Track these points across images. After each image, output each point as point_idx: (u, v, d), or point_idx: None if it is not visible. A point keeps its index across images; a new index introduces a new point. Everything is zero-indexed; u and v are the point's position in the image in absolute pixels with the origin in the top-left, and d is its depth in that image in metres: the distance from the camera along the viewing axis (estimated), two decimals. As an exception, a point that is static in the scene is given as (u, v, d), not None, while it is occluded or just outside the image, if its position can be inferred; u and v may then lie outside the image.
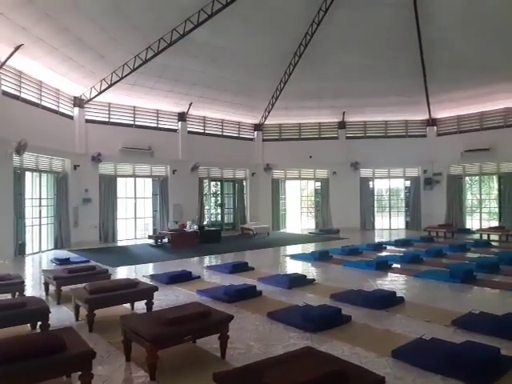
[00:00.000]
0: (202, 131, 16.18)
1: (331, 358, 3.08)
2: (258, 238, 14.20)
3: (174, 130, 15.28)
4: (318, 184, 17.81)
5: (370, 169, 17.39)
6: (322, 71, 14.87)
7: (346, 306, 5.49)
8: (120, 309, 5.33)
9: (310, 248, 11.59)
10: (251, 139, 17.62)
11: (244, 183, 17.35)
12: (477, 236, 13.79)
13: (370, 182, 17.59)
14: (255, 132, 17.63)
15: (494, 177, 16.04)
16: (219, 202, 17.21)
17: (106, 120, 13.85)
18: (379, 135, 17.48)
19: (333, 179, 17.26)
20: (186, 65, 13.31)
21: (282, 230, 16.96)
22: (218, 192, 17.35)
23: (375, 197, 18.00)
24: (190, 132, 15.59)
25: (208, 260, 10.06)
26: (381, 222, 17.86)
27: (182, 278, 7.26)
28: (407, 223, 17.40)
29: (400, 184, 18.11)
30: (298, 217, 18.54)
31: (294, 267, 8.84)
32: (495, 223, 15.34)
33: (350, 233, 15.25)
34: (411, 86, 15.27)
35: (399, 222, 17.73)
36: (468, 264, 8.40)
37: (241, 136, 17.36)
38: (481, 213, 16.48)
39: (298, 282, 6.86)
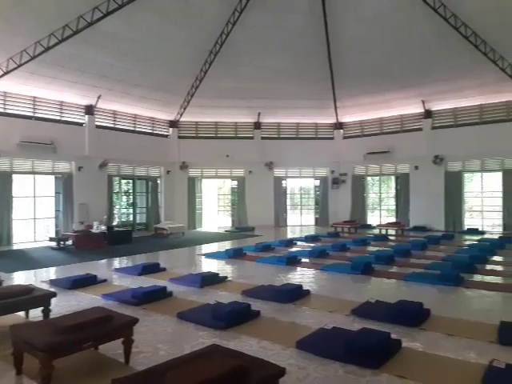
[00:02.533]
0: (112, 126, 15.30)
1: (235, 353, 3.11)
2: (172, 238, 13.88)
3: (81, 124, 14.22)
4: (235, 183, 17.97)
5: (283, 168, 18.02)
6: (237, 71, 15.04)
7: (256, 301, 5.60)
8: (13, 318, 4.80)
9: (225, 246, 11.64)
10: (166, 136, 17.16)
11: (158, 181, 16.82)
12: (377, 231, 15.05)
13: (283, 181, 18.24)
14: (170, 129, 17.20)
15: (392, 177, 17.65)
16: (131, 201, 16.46)
17: (1, 111, 12.41)
18: (292, 136, 18.19)
19: (249, 178, 17.54)
20: (95, 56, 12.52)
21: (198, 229, 16.80)
22: (130, 190, 16.60)
23: (288, 195, 18.74)
24: (98, 126, 14.64)
25: (117, 262, 9.56)
26: (293, 219, 18.63)
27: (85, 282, 6.78)
28: (316, 220, 18.38)
29: (310, 183, 19.06)
30: (215, 215, 18.54)
31: (207, 266, 8.79)
32: (393, 219, 16.87)
33: (264, 230, 15.64)
34: (321, 90, 16.14)
35: (310, 218, 18.66)
36: (368, 257, 9.12)
37: (155, 132, 16.79)
38: (380, 210, 18.05)
39: (210, 280, 6.83)
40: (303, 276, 7.55)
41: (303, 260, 8.96)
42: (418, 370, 3.51)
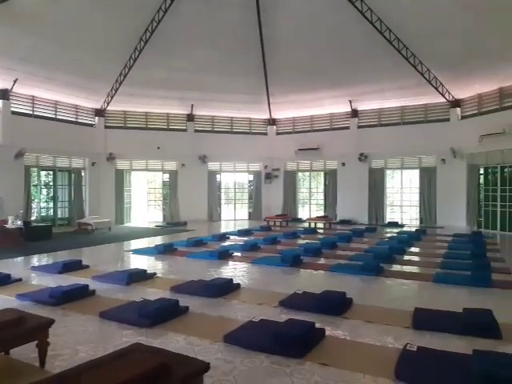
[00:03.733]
0: (30, 113, 14.04)
1: (158, 351, 2.99)
2: (97, 234, 13.15)
3: (-7, 110, 12.91)
4: (167, 176, 17.48)
5: (217, 162, 17.89)
6: (170, 61, 14.59)
7: (185, 297, 5.48)
8: None
9: (155, 242, 11.26)
10: (91, 125, 16.16)
11: (82, 173, 15.80)
12: (306, 224, 15.56)
13: (217, 175, 18.12)
14: (96, 117, 16.21)
15: (322, 173, 18.33)
16: (51, 194, 15.30)
17: None
18: (226, 130, 18.11)
19: (181, 171, 17.15)
20: (12, 36, 11.37)
21: (126, 225, 16.10)
22: (51, 183, 15.41)
23: (222, 189, 18.67)
24: (14, 113, 13.36)
25: (34, 260, 8.82)
26: (227, 213, 18.62)
27: (-4, 282, 6.18)
28: (250, 214, 18.55)
29: (244, 178, 19.16)
30: (145, 210, 17.91)
31: (135, 263, 8.45)
32: (322, 213, 17.56)
33: (197, 225, 15.43)
34: (255, 85, 16.24)
35: (243, 213, 18.77)
36: (297, 249, 9.38)
37: (79, 121, 15.72)
38: (310, 204, 18.69)
39: (137, 277, 6.56)
40: (234, 270, 7.54)
41: (235, 254, 8.97)
42: (340, 356, 3.65)
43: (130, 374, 2.43)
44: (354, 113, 16.67)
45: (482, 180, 14.34)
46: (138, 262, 8.38)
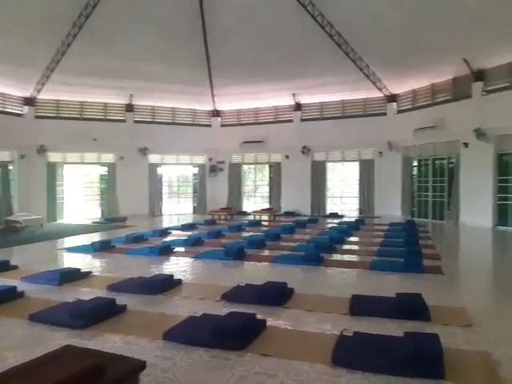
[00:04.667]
0: None
1: (90, 352, 2.82)
2: (27, 232, 12.25)
3: None
4: (105, 169, 16.68)
5: (159, 155, 17.38)
6: (107, 48, 13.90)
7: (123, 295, 5.23)
8: None
9: (92, 239, 10.67)
10: (20, 115, 14.96)
11: (10, 167, 14.58)
12: (251, 217, 15.62)
13: (159, 168, 17.61)
14: (26, 107, 15.04)
15: (266, 166, 18.47)
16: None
17: None
18: (168, 121, 17.62)
19: (120, 164, 16.45)
20: None
21: (59, 221, 15.16)
22: (-26, 177, 14.11)
23: (165, 183, 18.18)
24: None
25: (-47, 261, 8.00)
26: (170, 207, 18.19)
27: None
28: (194, 208, 18.26)
29: (189, 171, 18.79)
30: (81, 205, 16.98)
31: (69, 261, 7.95)
32: (267, 205, 17.73)
33: (137, 220, 14.91)
34: (198, 77, 15.92)
35: (188, 207, 18.44)
36: (241, 242, 9.36)
37: (6, 111, 14.49)
38: (255, 197, 18.80)
39: (70, 276, 6.15)
40: (176, 265, 7.35)
41: (177, 249, 8.74)
42: (280, 346, 3.66)
43: (60, 376, 2.27)
44: (298, 106, 16.95)
45: (415, 172, 15.24)
46: (73, 261, 7.89)
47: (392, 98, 15.62)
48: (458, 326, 4.06)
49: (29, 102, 15.05)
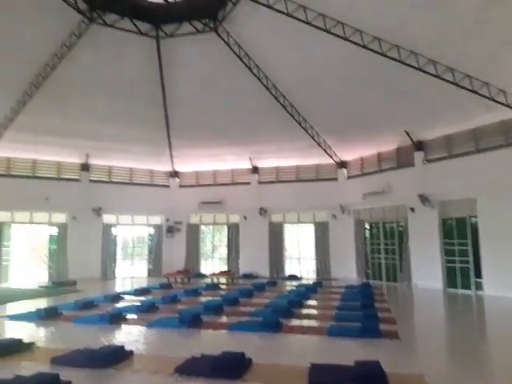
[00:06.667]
0: None
1: None
2: (-37, 298, 11.18)
3: None
4: (55, 229, 15.91)
5: (114, 215, 16.93)
6: (64, 108, 13.97)
7: (68, 369, 4.84)
8: None
9: (38, 305, 9.89)
10: (-35, 173, 14.27)
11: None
12: (209, 280, 15.24)
13: (113, 229, 17.07)
14: (-26, 164, 14.43)
15: (225, 226, 18.42)
16: None
17: None
18: (124, 181, 17.44)
19: (72, 224, 15.80)
20: None
21: (4, 284, 14.00)
22: None
23: (119, 244, 17.54)
24: None
25: None
26: (123, 270, 17.40)
27: None
28: (149, 270, 17.57)
29: (145, 231, 18.33)
30: (28, 268, 15.86)
31: (11, 331, 7.29)
32: (225, 267, 17.43)
33: (88, 284, 14.08)
34: (157, 138, 16.15)
35: (142, 269, 17.73)
36: (197, 308, 9.03)
37: (-50, 167, 13.82)
38: (213, 258, 18.49)
39: (10, 348, 5.62)
40: (128, 335, 6.94)
41: (129, 316, 8.28)
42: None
43: None
44: (255, 169, 17.47)
45: (368, 234, 15.80)
46: (15, 330, 7.26)
47: (342, 165, 16.56)
48: (415, 395, 4.07)
49: (-23, 159, 14.47)
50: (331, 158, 16.34)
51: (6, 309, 9.64)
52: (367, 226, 15.77)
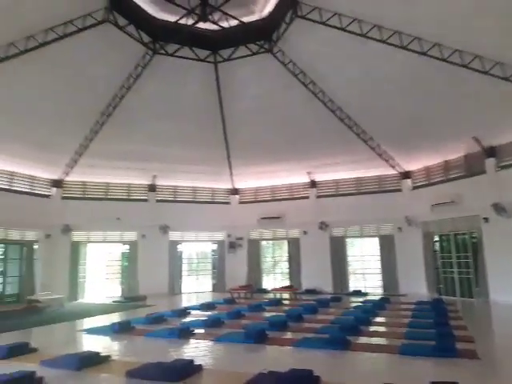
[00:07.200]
0: (-16, 185, 13.53)
1: None
2: (48, 312, 12.18)
3: None
4: (126, 247, 16.91)
5: (179, 232, 17.64)
6: (132, 134, 14.90)
7: (141, 382, 5.07)
8: None
9: (112, 319, 10.52)
10: (47, 196, 15.69)
11: (35, 246, 14.94)
12: (271, 295, 15.23)
13: (179, 246, 17.76)
14: (53, 188, 15.82)
15: (285, 241, 18.39)
16: (1, 268, 14.28)
17: None
18: (188, 200, 18.15)
19: (141, 242, 16.70)
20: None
21: (80, 301, 15.08)
22: (1, 257, 14.45)
23: (184, 260, 18.20)
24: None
25: (-27, 345, 7.96)
26: (189, 285, 17.97)
27: None
28: (214, 285, 17.97)
29: (208, 247, 18.85)
30: (102, 284, 16.96)
31: (88, 344, 7.83)
32: (287, 282, 17.34)
33: (157, 299, 14.72)
34: (217, 157, 16.69)
35: (207, 284, 18.18)
36: (262, 323, 9.06)
37: (34, 192, 15.25)
38: (275, 273, 18.48)
39: (89, 361, 6.02)
40: (196, 349, 7.12)
41: (197, 331, 8.51)
42: None
43: None
44: (313, 183, 17.35)
45: (437, 247, 14.93)
46: (92, 343, 7.77)
47: (406, 175, 15.90)
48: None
49: (57, 183, 15.86)
50: (393, 168, 15.79)
51: (83, 323, 10.36)
52: (436, 239, 14.92)
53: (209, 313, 11.24)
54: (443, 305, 11.41)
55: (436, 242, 14.93)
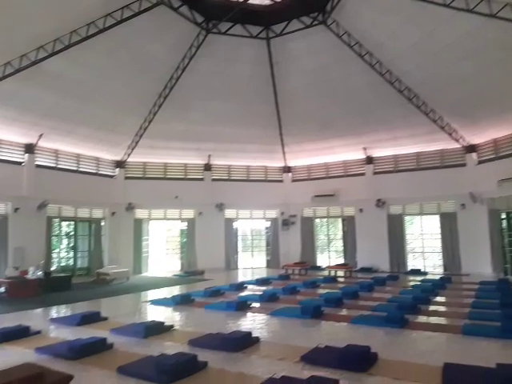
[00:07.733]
0: (54, 165, 14.60)
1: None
2: (115, 284, 13.14)
3: (19, 163, 13.49)
4: (184, 224, 17.62)
5: (234, 210, 18.02)
6: (187, 115, 15.27)
7: (203, 351, 5.34)
8: None
9: (173, 292, 11.17)
10: (112, 176, 16.66)
11: (102, 223, 16.07)
12: (326, 272, 15.22)
13: (234, 223, 18.17)
14: (117, 169, 16.74)
15: (339, 219, 18.15)
16: (72, 244, 15.53)
17: None
18: (242, 179, 18.40)
19: (199, 219, 17.31)
20: (38, 94, 12.14)
21: (144, 274, 16.07)
22: (72, 233, 15.70)
23: (239, 237, 18.63)
24: (38, 166, 13.91)
25: (53, 312, 8.82)
26: (244, 261, 18.44)
27: (16, 334, 6.16)
28: (268, 262, 18.30)
29: (261, 225, 19.11)
30: (163, 259, 17.91)
31: (153, 314, 8.37)
32: (341, 260, 17.21)
33: (214, 273, 15.29)
34: (269, 135, 16.69)
35: (261, 260, 18.55)
36: (317, 300, 9.13)
37: (100, 172, 16.25)
38: (329, 251, 18.40)
39: (154, 330, 6.46)
40: (253, 322, 7.36)
41: (253, 305, 8.78)
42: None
43: None
44: (369, 160, 16.80)
45: (504, 225, 13.98)
46: (156, 314, 8.29)
47: (471, 149, 14.86)
48: None
49: (120, 164, 16.76)
50: (457, 141, 14.83)
51: (147, 295, 11.06)
52: (504, 216, 13.96)
53: (264, 288, 11.50)
54: (510, 285, 10.76)
55: (503, 219, 13.97)
